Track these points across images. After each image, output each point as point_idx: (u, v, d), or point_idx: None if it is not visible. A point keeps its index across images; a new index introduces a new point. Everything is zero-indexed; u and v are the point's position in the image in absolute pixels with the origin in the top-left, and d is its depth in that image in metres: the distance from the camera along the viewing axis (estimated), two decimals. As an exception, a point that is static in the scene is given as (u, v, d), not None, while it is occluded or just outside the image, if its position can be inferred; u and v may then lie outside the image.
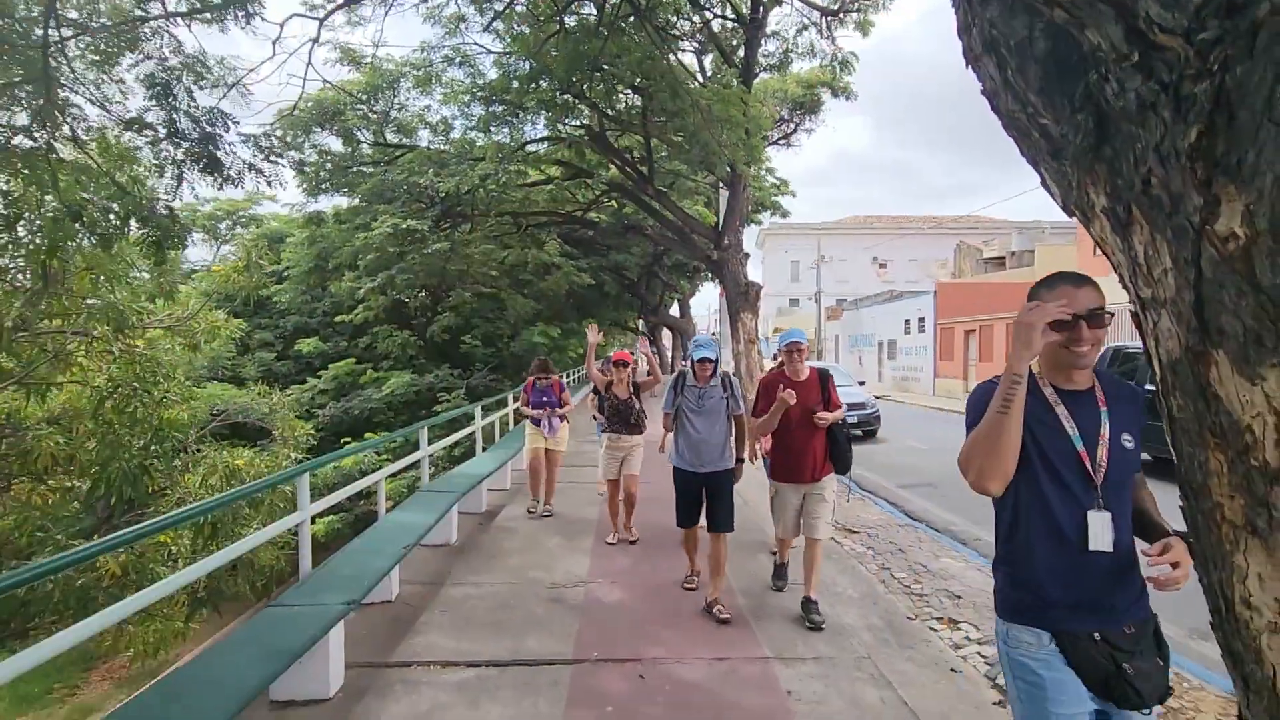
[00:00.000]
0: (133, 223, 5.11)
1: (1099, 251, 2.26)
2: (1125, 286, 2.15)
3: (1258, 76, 1.48)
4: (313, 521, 4.41)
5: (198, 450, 7.41)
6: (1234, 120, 1.57)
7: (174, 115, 5.28)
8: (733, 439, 4.52)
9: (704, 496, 4.38)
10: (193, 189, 6.67)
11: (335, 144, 13.16)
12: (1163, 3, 1.61)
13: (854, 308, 37.19)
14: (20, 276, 6.11)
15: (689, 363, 4.52)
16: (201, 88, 5.42)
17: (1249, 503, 1.90)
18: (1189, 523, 2.20)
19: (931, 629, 4.37)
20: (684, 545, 4.80)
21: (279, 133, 7.77)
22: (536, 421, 6.97)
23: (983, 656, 3.93)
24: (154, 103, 5.24)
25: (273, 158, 6.81)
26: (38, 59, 4.25)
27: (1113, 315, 2.03)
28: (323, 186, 13.25)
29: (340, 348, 21.31)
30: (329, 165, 12.89)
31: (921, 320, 28.88)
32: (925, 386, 28.23)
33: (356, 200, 15.06)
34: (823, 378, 4.37)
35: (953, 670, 3.71)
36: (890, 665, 3.74)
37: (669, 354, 41.12)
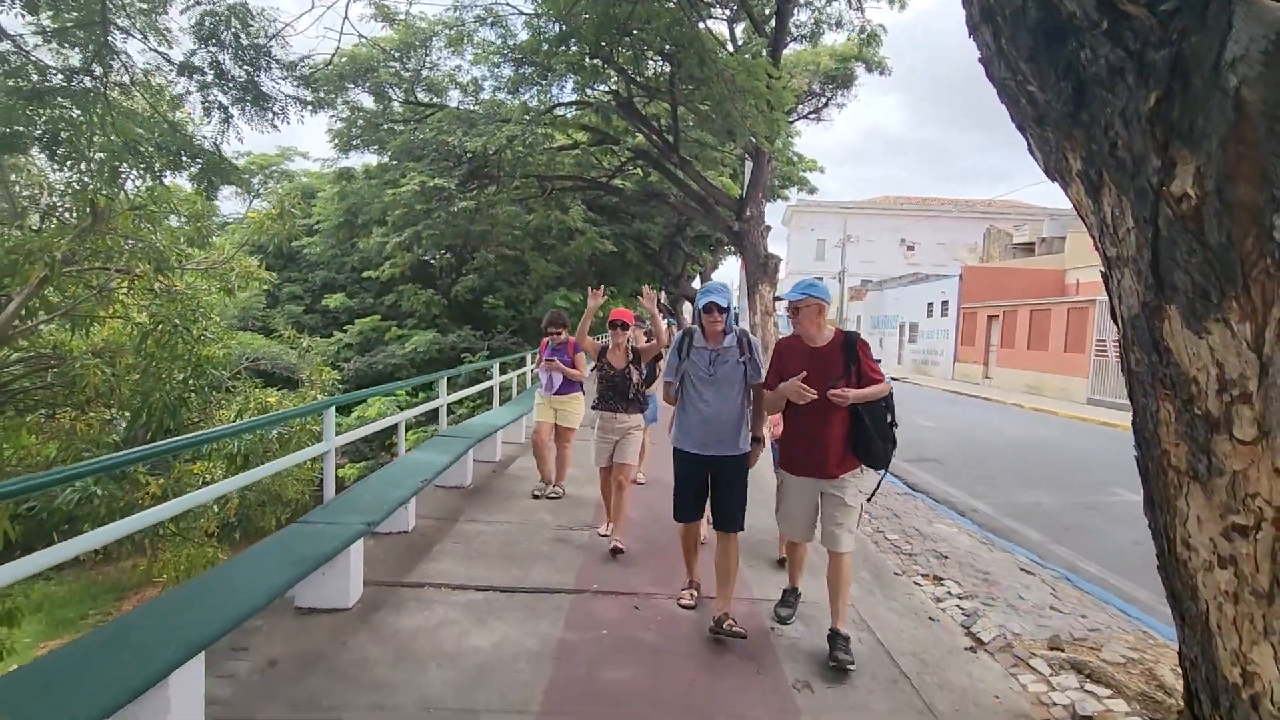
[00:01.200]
0: (184, 158, 5.38)
1: (1076, 212, 2.40)
2: (1096, 248, 2.30)
3: (1207, 46, 1.61)
4: (339, 467, 4.75)
5: (232, 387, 7.80)
6: (1188, 86, 1.71)
7: (220, 58, 5.52)
8: (750, 415, 3.62)
9: (710, 486, 3.61)
10: (238, 134, 6.91)
11: (367, 100, 13.35)
12: (1129, -26, 1.73)
13: (878, 289, 36.90)
14: (68, 214, 6.45)
15: (695, 315, 3.61)
16: (247, 34, 5.64)
17: (1191, 449, 2.09)
18: (1141, 470, 2.38)
19: (916, 584, 4.57)
20: (682, 544, 3.89)
21: (317, 75, 7.93)
22: (542, 384, 6.00)
23: (961, 609, 4.12)
24: (201, 45, 5.47)
25: (314, 89, 6.96)
26: (96, 2, 4.49)
27: None
28: (354, 143, 13.47)
29: (366, 304, 21.76)
30: (360, 122, 13.09)
31: (945, 303, 28.62)
32: (944, 370, 28.10)
33: (386, 158, 15.29)
34: (848, 343, 3.35)
35: (930, 619, 3.92)
36: (871, 612, 3.95)
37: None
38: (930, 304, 30.08)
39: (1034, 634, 3.73)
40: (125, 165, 5.21)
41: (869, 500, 5.25)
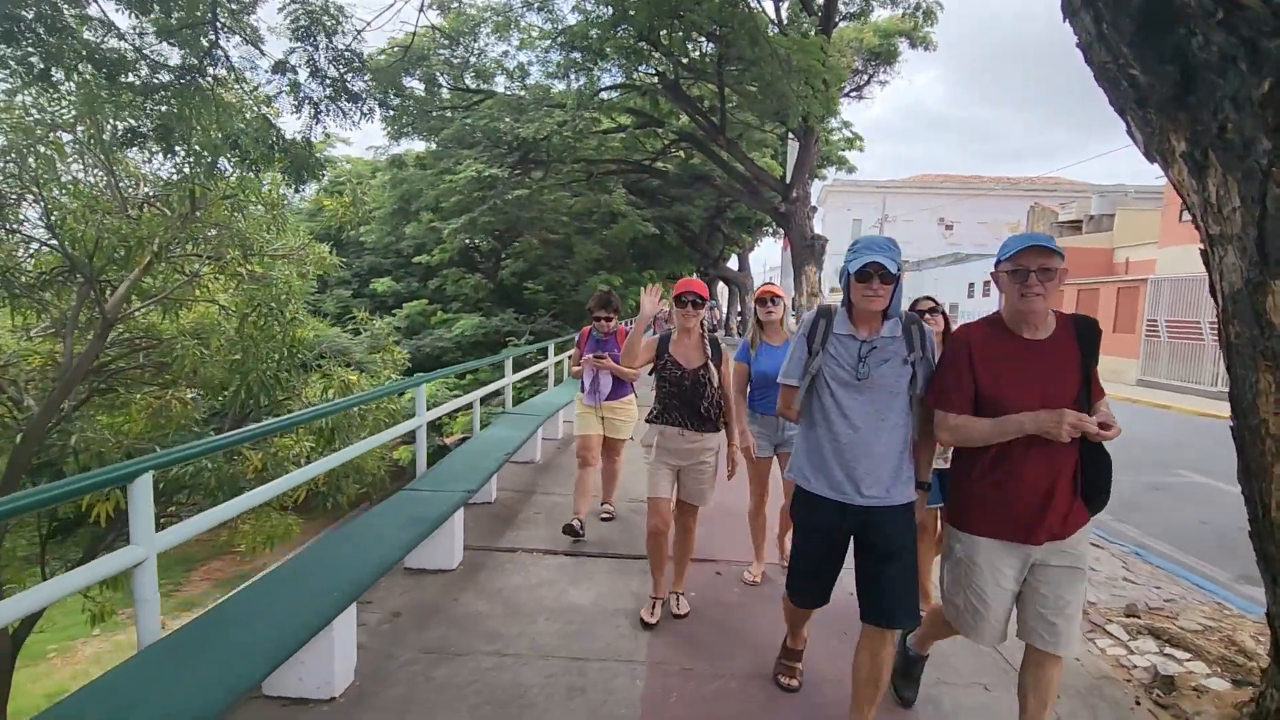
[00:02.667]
0: (276, 152, 5.73)
1: (1184, 215, 2.49)
2: (1197, 226, 2.41)
3: (1325, 35, 1.71)
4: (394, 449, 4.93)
5: (318, 366, 8.24)
6: (1303, 73, 1.80)
7: (315, 56, 5.84)
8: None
9: (855, 552, 2.40)
10: (324, 130, 7.23)
11: (418, 88, 13.62)
12: (1248, -33, 1.83)
13: (916, 269, 36.35)
14: (160, 204, 6.86)
15: (844, 279, 2.34)
16: (338, 32, 5.92)
17: (1291, 417, 2.19)
18: (1236, 439, 2.50)
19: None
20: (789, 633, 2.87)
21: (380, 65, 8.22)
22: (584, 386, 4.75)
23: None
24: (299, 43, 5.79)
25: (392, 94, 7.29)
26: (203, 2, 4.80)
27: None
28: (405, 130, 13.78)
29: (412, 288, 22.27)
30: (412, 109, 13.39)
31: (987, 284, 28.13)
32: (987, 352, 27.69)
33: (433, 145, 15.59)
34: (1083, 333, 2.18)
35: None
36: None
37: (723, 311, 40.87)
38: (971, 284, 29.61)
39: (1109, 603, 3.85)
40: (225, 158, 5.57)
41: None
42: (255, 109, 6.06)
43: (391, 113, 6.97)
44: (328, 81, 5.98)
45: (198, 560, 16.64)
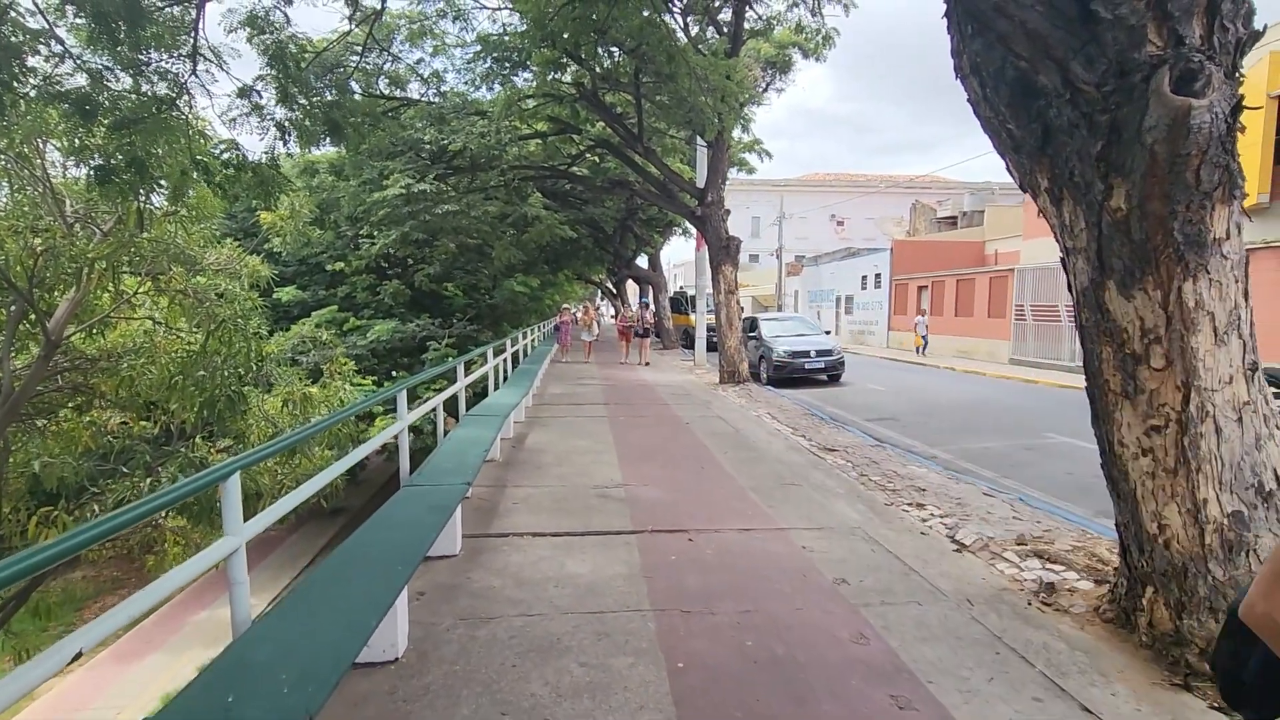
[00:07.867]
0: (241, 172, 5.77)
1: (1040, 215, 3.33)
2: (1057, 240, 3.24)
3: (1134, 115, 2.53)
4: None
5: (273, 380, 8.13)
6: (1121, 139, 2.64)
7: (285, 82, 5.92)
8: None
9: None
10: (287, 151, 7.11)
11: (328, 95, 13.42)
12: (1083, 66, 2.65)
13: (813, 264, 38.61)
14: (92, 223, 6.66)
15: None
16: (305, 60, 6.01)
17: (1123, 377, 3.07)
18: (1089, 395, 3.36)
19: (904, 511, 5.58)
20: None
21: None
22: None
23: (944, 524, 5.14)
24: (270, 68, 5.86)
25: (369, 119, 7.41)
26: (185, 32, 4.84)
27: None
28: (320, 138, 13.54)
29: (319, 296, 21.56)
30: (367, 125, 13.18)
31: (878, 276, 30.41)
32: (880, 339, 29.95)
33: (344, 151, 15.31)
34: None
35: (922, 533, 4.92)
36: (875, 531, 4.92)
37: (633, 309, 41.57)
38: (864, 277, 31.87)
39: (1003, 537, 4.77)
40: (192, 183, 5.56)
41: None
42: (217, 134, 6.07)
43: (349, 133, 7.06)
44: (297, 106, 6.10)
45: (86, 599, 15.51)
